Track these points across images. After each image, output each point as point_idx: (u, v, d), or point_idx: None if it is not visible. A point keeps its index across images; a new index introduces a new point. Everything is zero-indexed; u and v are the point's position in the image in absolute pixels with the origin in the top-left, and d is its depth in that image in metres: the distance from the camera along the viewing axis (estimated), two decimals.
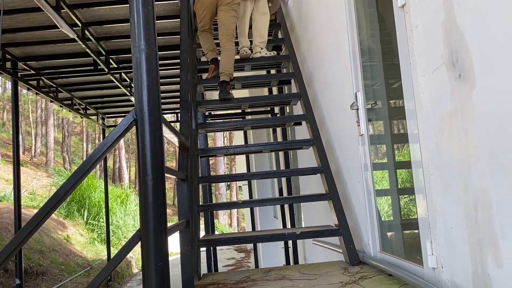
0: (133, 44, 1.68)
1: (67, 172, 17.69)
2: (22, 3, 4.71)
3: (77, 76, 7.20)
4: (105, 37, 5.98)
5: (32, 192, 17.13)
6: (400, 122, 2.93)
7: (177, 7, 5.21)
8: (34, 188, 17.75)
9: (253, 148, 3.70)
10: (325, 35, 3.61)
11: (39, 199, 16.18)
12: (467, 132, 1.60)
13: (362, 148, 2.87)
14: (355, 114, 2.85)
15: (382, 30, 2.91)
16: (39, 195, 17.01)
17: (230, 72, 3.99)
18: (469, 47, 1.54)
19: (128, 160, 31.09)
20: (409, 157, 2.21)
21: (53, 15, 4.38)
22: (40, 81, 7.13)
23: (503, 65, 1.39)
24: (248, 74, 5.41)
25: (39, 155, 26.65)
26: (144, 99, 1.64)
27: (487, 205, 1.53)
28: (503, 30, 1.37)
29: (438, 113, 1.80)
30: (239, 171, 16.64)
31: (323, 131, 3.74)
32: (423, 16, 1.86)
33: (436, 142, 1.83)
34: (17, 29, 5.35)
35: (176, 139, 2.33)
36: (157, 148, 1.62)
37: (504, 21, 1.37)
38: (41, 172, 21.51)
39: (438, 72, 1.76)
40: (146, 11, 1.66)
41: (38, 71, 6.77)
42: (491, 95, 1.46)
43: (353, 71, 2.92)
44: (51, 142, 25.12)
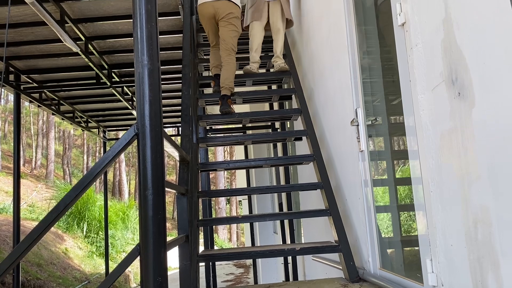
0: (136, 59, 1.70)
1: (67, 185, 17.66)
2: (27, 17, 4.77)
3: (80, 89, 7.24)
4: (108, 51, 6.04)
5: (32, 205, 17.09)
6: (400, 138, 2.94)
7: (180, 23, 5.28)
8: (33, 201, 17.71)
9: (253, 163, 3.70)
10: (326, 51, 3.64)
11: (38, 212, 16.13)
12: (466, 149, 1.61)
13: (362, 164, 2.88)
14: (355, 130, 2.86)
15: (383, 47, 2.94)
16: (38, 207, 16.96)
17: (230, 86, 3.99)
18: (468, 66, 1.56)
19: (128, 173, 31.05)
20: (409, 174, 2.22)
21: (57, 29, 4.43)
22: (43, 93, 7.17)
23: (502, 84, 1.40)
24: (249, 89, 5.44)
25: (39, 167, 26.64)
26: (146, 114, 1.65)
27: (487, 223, 1.53)
28: (502, 50, 1.39)
29: (438, 130, 1.81)
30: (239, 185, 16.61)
31: (324, 147, 3.75)
32: (423, 34, 1.88)
33: (436, 159, 1.84)
34: (21, 43, 5.40)
35: (177, 153, 2.34)
36: (158, 163, 1.62)
37: (502, 40, 1.39)
38: (41, 185, 21.48)
39: (438, 90, 1.77)
40: (149, 27, 1.69)
41: (41, 84, 6.82)
42: (490, 114, 1.47)
43: (353, 88, 2.94)
44: (51, 154, 25.14)
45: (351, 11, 3.00)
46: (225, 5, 4.00)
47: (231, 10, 4.01)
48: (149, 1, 1.71)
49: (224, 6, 4.00)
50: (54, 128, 26.37)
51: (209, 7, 4.04)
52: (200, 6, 4.12)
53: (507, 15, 1.34)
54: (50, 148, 25.22)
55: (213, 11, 4.03)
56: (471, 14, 1.54)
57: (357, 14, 2.99)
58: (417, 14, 1.92)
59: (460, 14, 1.61)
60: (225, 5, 4.00)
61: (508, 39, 1.36)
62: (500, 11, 1.37)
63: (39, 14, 4.10)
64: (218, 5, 4.00)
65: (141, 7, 1.69)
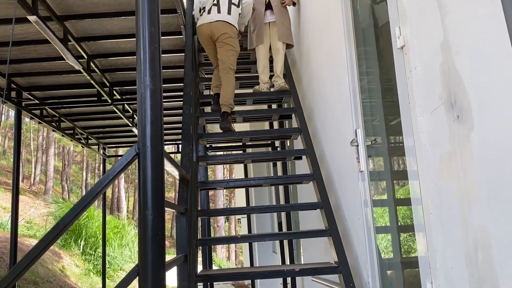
0: (138, 79, 1.72)
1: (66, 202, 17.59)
2: (30, 35, 4.82)
3: (81, 107, 7.28)
4: (110, 69, 6.09)
5: (29, 221, 16.97)
6: (400, 158, 2.94)
7: (182, 42, 5.34)
8: (31, 217, 17.60)
9: (253, 182, 3.70)
10: (326, 71, 3.68)
11: (36, 228, 16.01)
12: (466, 172, 1.62)
13: (362, 184, 2.88)
14: (355, 151, 2.87)
15: (382, 68, 2.97)
16: (36, 224, 16.84)
17: (230, 103, 4.02)
18: (466, 90, 1.58)
19: (127, 190, 30.94)
20: (409, 194, 2.22)
21: (60, 47, 4.48)
22: (44, 110, 7.21)
23: (500, 108, 1.42)
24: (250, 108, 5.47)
25: (38, 183, 26.54)
26: (147, 134, 1.66)
27: (487, 245, 1.53)
28: (500, 74, 1.41)
29: (437, 152, 1.82)
30: (239, 203, 16.54)
31: (324, 166, 3.75)
32: (422, 58, 1.91)
33: (436, 181, 1.84)
34: (24, 60, 5.45)
35: (177, 172, 2.34)
36: (158, 183, 1.63)
37: (500, 65, 1.41)
38: (39, 201, 21.37)
39: (437, 112, 1.79)
40: (152, 48, 1.71)
41: (42, 101, 6.85)
42: (489, 137, 1.48)
43: (353, 108, 2.96)
44: (50, 170, 25.08)
45: (351, 32, 3.04)
46: (220, 26, 4.08)
47: (226, 30, 4.08)
48: (152, 24, 1.74)
49: (220, 27, 4.08)
50: (54, 144, 26.37)
51: (206, 29, 4.13)
52: (198, 28, 4.23)
53: (504, 40, 1.37)
54: (49, 164, 25.18)
55: (210, 32, 4.12)
56: (469, 38, 1.57)
57: (356, 35, 3.04)
58: (416, 37, 1.95)
59: (458, 38, 1.63)
60: (220, 26, 4.08)
61: (505, 63, 1.38)
62: (497, 36, 1.40)
63: (42, 33, 4.15)
64: (214, 26, 4.09)
65: (145, 29, 1.72)
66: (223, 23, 4.09)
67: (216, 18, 4.09)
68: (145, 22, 1.75)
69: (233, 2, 4.17)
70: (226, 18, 4.10)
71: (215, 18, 4.09)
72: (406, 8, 2.02)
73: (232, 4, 4.15)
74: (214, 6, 4.13)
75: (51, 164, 25.24)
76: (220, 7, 4.12)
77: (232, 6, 4.15)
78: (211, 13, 4.13)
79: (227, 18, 4.11)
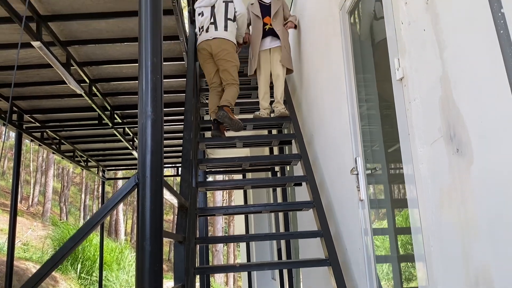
0: (140, 109, 1.73)
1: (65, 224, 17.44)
2: (33, 59, 4.87)
3: (81, 130, 7.30)
4: (111, 93, 6.13)
5: (26, 243, 16.79)
6: (400, 187, 2.94)
7: (184, 68, 5.39)
8: (28, 239, 17.42)
9: (252, 209, 3.68)
10: (325, 98, 3.70)
11: (32, 251, 15.83)
12: (466, 206, 1.61)
13: (362, 213, 2.86)
14: (355, 179, 2.87)
15: (381, 95, 3.00)
16: (33, 246, 16.66)
17: (227, 99, 4.13)
18: (465, 123, 1.59)
19: (126, 212, 30.72)
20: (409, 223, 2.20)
21: (62, 72, 4.52)
22: (44, 133, 7.22)
23: (499, 143, 1.42)
24: (250, 134, 5.48)
25: (36, 204, 26.37)
26: (147, 164, 1.66)
27: (489, 281, 1.51)
28: (499, 109, 1.42)
29: (437, 184, 1.81)
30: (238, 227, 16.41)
31: (324, 193, 3.74)
32: (421, 90, 1.93)
33: (436, 214, 1.83)
34: (26, 83, 5.49)
35: (176, 201, 2.33)
36: (157, 213, 1.62)
37: (498, 100, 1.42)
38: (37, 223, 21.20)
39: (437, 145, 1.79)
40: (154, 79, 1.73)
41: (43, 124, 6.87)
42: (489, 172, 1.48)
43: (353, 136, 2.97)
44: (49, 192, 24.97)
45: (350, 60, 3.07)
46: (219, 43, 4.26)
47: (224, 47, 4.26)
48: (155, 54, 1.76)
49: (218, 44, 4.26)
50: (53, 165, 26.32)
51: (205, 46, 4.31)
52: (198, 46, 4.40)
53: (502, 74, 1.38)
54: (48, 185, 25.08)
55: (209, 49, 4.29)
56: (468, 73, 1.58)
57: (355, 62, 3.07)
58: (415, 70, 1.97)
59: (457, 72, 1.65)
60: (219, 43, 4.26)
61: (504, 98, 1.39)
62: (495, 71, 1.42)
63: (45, 57, 4.19)
64: (212, 43, 4.27)
65: (147, 60, 1.74)
66: (221, 40, 4.27)
67: (214, 36, 4.28)
68: (148, 52, 1.78)
69: (228, 17, 4.35)
70: (224, 35, 4.29)
71: (213, 36, 4.28)
72: (405, 41, 2.05)
73: (228, 20, 4.34)
74: (211, 25, 4.33)
75: (50, 185, 25.15)
76: (217, 25, 4.31)
77: (228, 22, 4.34)
78: (209, 31, 4.32)
79: (225, 34, 4.29)
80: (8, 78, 5.32)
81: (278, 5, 4.68)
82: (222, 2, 4.39)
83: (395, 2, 2.17)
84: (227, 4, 4.39)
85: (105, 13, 4.11)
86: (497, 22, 1.15)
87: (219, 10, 4.37)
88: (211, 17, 4.36)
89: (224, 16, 4.34)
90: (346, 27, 3.12)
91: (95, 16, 4.11)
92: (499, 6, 1.15)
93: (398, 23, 2.12)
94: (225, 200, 28.00)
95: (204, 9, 4.45)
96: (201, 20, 4.44)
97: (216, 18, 4.34)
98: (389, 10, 2.22)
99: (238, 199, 15.45)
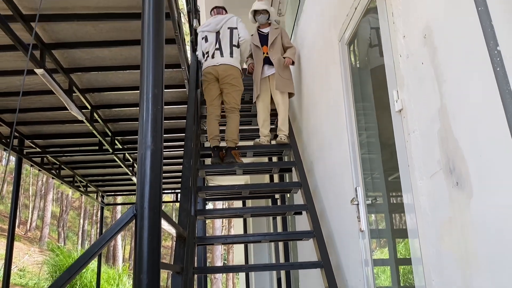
0: (140, 140, 1.73)
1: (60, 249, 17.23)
2: (36, 86, 4.91)
3: (81, 155, 7.30)
4: (112, 119, 6.16)
5: (22, 269, 16.56)
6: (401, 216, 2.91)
7: (185, 95, 5.44)
8: (24, 265, 17.19)
9: (251, 238, 3.64)
10: (325, 127, 3.72)
11: (29, 276, 15.60)
12: (466, 238, 1.59)
13: (363, 243, 2.83)
14: (356, 209, 2.85)
15: (381, 124, 3.00)
16: (29, 272, 16.42)
17: (233, 138, 4.34)
18: (465, 157, 1.59)
19: (124, 238, 30.41)
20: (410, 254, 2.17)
21: (65, 98, 4.55)
22: (44, 158, 7.22)
23: (498, 177, 1.42)
24: (250, 161, 5.48)
25: (34, 229, 26.13)
26: (146, 195, 1.65)
27: None
28: (497, 144, 1.42)
29: (437, 217, 1.80)
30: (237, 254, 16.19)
31: (324, 223, 3.71)
32: (420, 122, 1.94)
33: (437, 247, 1.81)
34: (29, 109, 5.52)
35: (174, 231, 2.31)
36: (155, 245, 1.60)
37: (496, 134, 1.42)
38: (34, 248, 20.96)
39: (436, 177, 1.79)
40: (155, 110, 1.74)
41: (44, 149, 6.88)
42: (489, 205, 1.47)
43: (353, 165, 2.97)
44: (48, 217, 24.79)
45: (349, 88, 3.10)
46: (225, 68, 4.41)
47: (230, 72, 4.41)
48: (156, 86, 1.78)
49: (225, 69, 4.41)
50: (53, 189, 26.21)
51: (211, 71, 4.45)
52: (204, 70, 4.54)
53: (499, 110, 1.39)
54: (47, 210, 24.92)
55: (215, 74, 4.43)
56: (466, 107, 1.59)
57: (355, 91, 3.09)
58: (414, 102, 1.99)
59: (455, 106, 1.66)
60: (225, 68, 4.41)
61: (501, 133, 1.39)
62: (492, 105, 1.43)
63: (48, 84, 4.23)
64: (219, 68, 4.41)
65: (148, 91, 1.76)
66: (227, 66, 4.42)
67: (221, 62, 4.42)
68: (149, 84, 1.79)
69: (233, 44, 4.50)
70: (229, 61, 4.43)
71: (220, 62, 4.42)
72: (404, 74, 2.08)
73: (233, 46, 4.49)
74: (216, 51, 4.47)
75: (48, 210, 24.99)
76: (223, 51, 4.45)
77: (233, 48, 4.49)
78: (214, 57, 4.46)
79: (230, 61, 4.44)
80: (10, 104, 5.36)
81: (276, 34, 4.76)
82: (227, 29, 4.54)
83: (393, 35, 2.20)
84: (232, 31, 4.53)
85: (108, 42, 4.17)
86: (494, 60, 1.17)
87: (224, 36, 4.51)
88: (216, 43, 4.50)
89: (229, 42, 4.49)
90: (345, 57, 3.16)
91: (98, 44, 4.17)
92: (495, 44, 1.17)
93: (397, 56, 2.15)
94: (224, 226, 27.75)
95: (209, 34, 4.58)
96: (206, 46, 4.56)
97: (221, 45, 4.48)
98: (388, 43, 2.26)
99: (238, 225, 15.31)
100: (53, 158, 7.42)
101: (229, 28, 4.54)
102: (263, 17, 4.84)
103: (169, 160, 7.96)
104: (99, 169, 8.28)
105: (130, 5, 3.65)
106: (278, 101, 4.59)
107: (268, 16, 4.86)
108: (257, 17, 4.87)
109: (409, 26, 2.03)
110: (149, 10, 1.86)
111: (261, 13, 4.84)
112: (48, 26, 3.87)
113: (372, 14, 2.67)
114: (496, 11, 1.36)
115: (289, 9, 6.08)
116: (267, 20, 4.87)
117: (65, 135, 6.52)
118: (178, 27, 3.82)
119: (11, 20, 3.53)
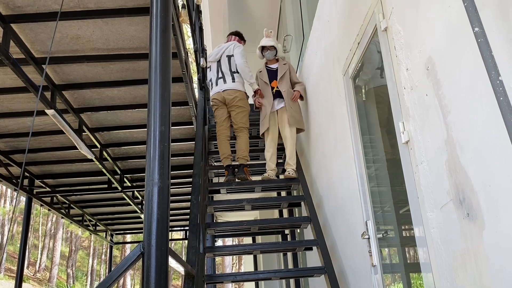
0: (147, 177, 1.74)
1: None
2: (46, 126, 5.00)
3: (90, 194, 7.33)
4: (121, 157, 6.21)
5: None
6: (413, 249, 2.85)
7: (193, 132, 5.49)
8: None
9: (261, 276, 3.57)
10: (333, 161, 3.71)
11: None
12: (481, 273, 1.55)
13: (375, 278, 2.76)
14: (367, 243, 2.80)
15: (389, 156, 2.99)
16: None
17: (244, 155, 4.61)
18: (474, 187, 1.57)
19: (133, 277, 29.97)
20: None
21: (74, 138, 4.61)
22: (54, 197, 7.25)
23: (510, 208, 1.39)
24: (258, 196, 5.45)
25: (43, 269, 25.91)
26: (153, 232, 1.64)
27: None
28: (506, 173, 1.41)
29: (450, 249, 1.76)
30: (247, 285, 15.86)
31: (335, 258, 3.63)
32: (427, 153, 1.93)
33: (451, 281, 1.76)
34: (39, 149, 5.60)
35: (182, 269, 2.28)
36: (162, 284, 1.58)
37: (505, 164, 1.41)
38: None
39: (446, 208, 1.76)
40: (162, 147, 1.76)
41: (53, 188, 6.92)
42: (502, 236, 1.44)
43: (362, 199, 2.93)
44: (57, 256, 24.62)
45: (356, 121, 3.11)
46: (230, 92, 4.72)
47: (235, 95, 4.71)
48: (163, 123, 1.80)
49: (230, 92, 4.72)
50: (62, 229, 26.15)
51: (217, 97, 4.75)
52: (212, 97, 4.83)
53: (506, 139, 1.38)
54: (56, 250, 24.78)
55: (222, 99, 4.74)
56: (472, 137, 1.59)
57: (361, 124, 3.10)
58: (420, 134, 1.98)
59: (461, 136, 1.66)
60: (230, 92, 4.72)
61: (510, 163, 1.38)
62: (498, 135, 1.42)
63: (58, 124, 4.30)
64: (225, 93, 4.73)
65: (156, 129, 1.78)
66: (231, 90, 4.74)
67: (225, 88, 4.75)
68: (156, 121, 1.82)
69: (233, 71, 4.79)
70: (232, 86, 4.75)
71: (224, 88, 4.75)
72: (409, 106, 2.08)
73: (233, 73, 4.78)
74: (220, 79, 4.80)
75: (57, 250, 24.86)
76: (225, 78, 4.78)
77: (234, 74, 4.78)
78: (218, 85, 4.79)
79: (233, 85, 4.76)
80: (21, 145, 5.44)
81: (285, 69, 4.84)
82: (225, 57, 4.85)
83: (396, 68, 2.23)
84: (229, 59, 4.83)
85: (117, 81, 4.26)
86: (496, 90, 1.18)
87: (223, 64, 4.83)
88: (218, 71, 4.84)
89: (229, 70, 4.79)
90: (350, 91, 3.19)
91: (108, 84, 4.27)
92: (496, 74, 1.18)
93: (401, 88, 2.17)
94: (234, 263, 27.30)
95: (212, 64, 4.95)
96: (209, 75, 4.95)
97: (223, 72, 4.80)
98: (391, 76, 2.28)
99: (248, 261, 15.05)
100: (63, 197, 7.44)
101: (227, 56, 4.84)
102: (270, 53, 4.94)
103: (178, 197, 7.95)
104: (108, 207, 8.28)
105: (138, 46, 3.75)
106: (286, 135, 4.61)
107: (275, 52, 4.97)
108: (264, 53, 4.97)
109: (411, 59, 2.05)
110: (156, 51, 1.91)
111: (269, 49, 4.95)
112: (59, 68, 3.98)
113: (374, 48, 2.71)
114: (496, 42, 1.38)
115: (294, 46, 6.21)
116: (274, 56, 4.96)
117: (75, 174, 6.56)
118: (185, 65, 3.91)
119: (24, 63, 3.63)
